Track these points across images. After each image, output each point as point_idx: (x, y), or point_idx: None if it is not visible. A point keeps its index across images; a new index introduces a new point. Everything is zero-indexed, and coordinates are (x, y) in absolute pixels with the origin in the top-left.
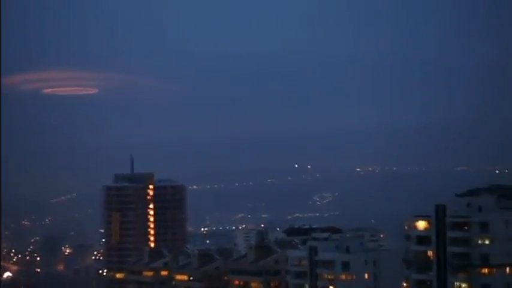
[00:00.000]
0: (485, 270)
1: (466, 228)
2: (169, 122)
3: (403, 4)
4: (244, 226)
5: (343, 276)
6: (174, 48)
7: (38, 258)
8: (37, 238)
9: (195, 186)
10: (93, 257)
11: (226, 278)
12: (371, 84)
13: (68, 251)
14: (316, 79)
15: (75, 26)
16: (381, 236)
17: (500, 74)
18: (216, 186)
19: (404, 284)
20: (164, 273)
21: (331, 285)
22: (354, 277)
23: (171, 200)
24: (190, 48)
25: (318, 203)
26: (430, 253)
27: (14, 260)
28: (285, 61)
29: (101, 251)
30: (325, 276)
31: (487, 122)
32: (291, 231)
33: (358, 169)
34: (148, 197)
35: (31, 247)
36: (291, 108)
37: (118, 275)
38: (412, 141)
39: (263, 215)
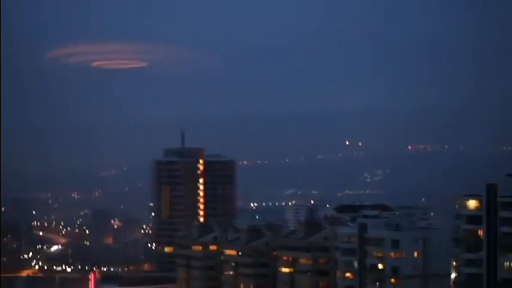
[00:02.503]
0: None
1: None
2: (219, 96)
3: None
4: (294, 202)
5: (392, 254)
6: (219, 22)
7: (87, 232)
8: (86, 211)
9: (245, 162)
10: (142, 231)
11: (274, 253)
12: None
13: (117, 224)
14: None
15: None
16: (431, 214)
17: None
18: (266, 161)
19: (454, 263)
20: (213, 247)
21: (380, 263)
22: (403, 255)
23: (221, 175)
24: (236, 23)
25: (369, 180)
26: (480, 232)
27: (63, 232)
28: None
29: (150, 225)
30: (374, 253)
31: None
32: (341, 208)
33: (409, 147)
34: (199, 172)
35: (80, 220)
36: (337, 85)
37: (167, 249)
38: (463, 120)
39: (313, 192)
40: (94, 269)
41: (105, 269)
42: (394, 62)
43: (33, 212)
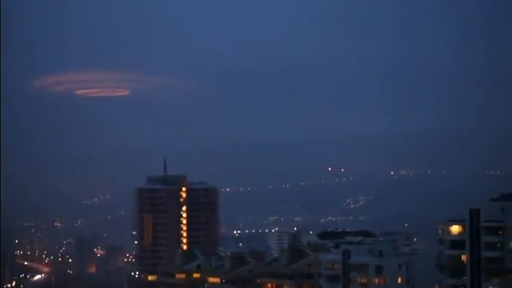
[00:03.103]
0: None
1: (500, 232)
2: (201, 123)
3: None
4: (277, 229)
5: (376, 280)
6: (196, 49)
7: (70, 260)
8: (69, 240)
9: (228, 189)
10: (126, 259)
11: (258, 281)
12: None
13: (100, 252)
14: (336, 82)
15: (100, 28)
16: (415, 240)
17: None
18: (249, 188)
19: None
20: (196, 275)
21: None
22: (387, 281)
23: (204, 202)
24: (212, 49)
25: (352, 206)
26: (463, 257)
27: (46, 261)
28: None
29: (133, 253)
30: (358, 280)
31: None
32: (324, 235)
33: (391, 172)
34: (181, 199)
35: (63, 248)
36: (320, 111)
37: (150, 277)
38: (446, 145)
39: (296, 218)
40: None
41: None
42: (377, 89)
43: (16, 241)
